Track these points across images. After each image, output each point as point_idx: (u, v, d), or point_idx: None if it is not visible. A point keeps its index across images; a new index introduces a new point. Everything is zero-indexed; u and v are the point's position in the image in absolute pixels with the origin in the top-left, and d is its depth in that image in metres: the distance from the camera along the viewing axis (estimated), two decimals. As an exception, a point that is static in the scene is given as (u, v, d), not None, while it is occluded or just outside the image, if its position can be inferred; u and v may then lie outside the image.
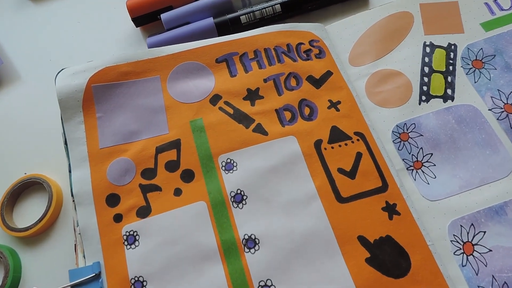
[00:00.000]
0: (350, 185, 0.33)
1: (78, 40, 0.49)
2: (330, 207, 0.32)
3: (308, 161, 0.34)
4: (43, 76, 0.48)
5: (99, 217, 0.32)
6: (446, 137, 0.36)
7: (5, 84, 0.48)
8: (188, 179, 0.33)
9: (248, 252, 0.31)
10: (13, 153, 0.44)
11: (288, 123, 0.35)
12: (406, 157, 0.35)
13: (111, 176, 0.33)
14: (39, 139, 0.45)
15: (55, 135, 0.43)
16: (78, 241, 0.32)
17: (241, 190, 0.32)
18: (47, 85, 0.46)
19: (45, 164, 0.43)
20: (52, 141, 0.43)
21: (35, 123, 0.45)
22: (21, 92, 0.47)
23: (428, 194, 0.34)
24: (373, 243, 0.31)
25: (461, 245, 0.32)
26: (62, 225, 0.41)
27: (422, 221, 0.32)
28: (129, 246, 0.31)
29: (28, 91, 0.47)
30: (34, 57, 0.49)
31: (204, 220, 0.31)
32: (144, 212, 0.32)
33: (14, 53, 0.50)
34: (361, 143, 0.35)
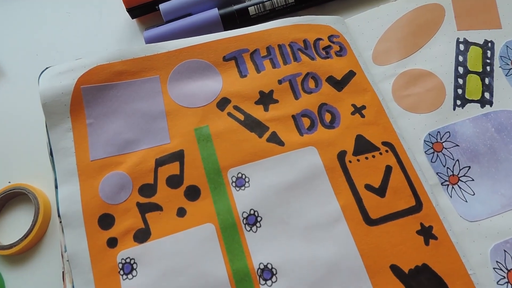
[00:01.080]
0: (379, 204, 0.28)
1: (68, 33, 0.44)
2: (357, 231, 0.28)
3: (331, 176, 0.29)
4: (29, 73, 0.43)
5: (90, 241, 0.27)
6: (485, 148, 0.31)
7: (-15, 82, 0.43)
8: (193, 197, 0.29)
9: (264, 284, 0.26)
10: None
11: (307, 131, 0.31)
12: (441, 170, 0.31)
13: (104, 193, 0.28)
14: (25, 144, 0.40)
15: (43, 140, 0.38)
16: (67, 269, 0.27)
17: (254, 211, 0.28)
18: (33, 83, 0.41)
19: (31, 173, 0.39)
20: (40, 147, 0.39)
21: (20, 126, 0.41)
22: (5, 90, 0.43)
23: (467, 214, 0.30)
24: (408, 273, 0.27)
25: (505, 273, 0.28)
26: (50, 241, 0.36)
27: (461, 246, 0.28)
28: (125, 276, 0.27)
29: (12, 89, 0.43)
30: (19, 51, 0.45)
31: (212, 246, 0.27)
32: (142, 236, 0.28)
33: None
34: (390, 154, 0.30)
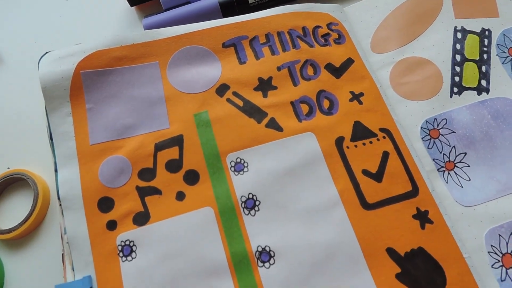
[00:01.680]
0: (376, 189, 0.29)
1: (66, 21, 0.44)
2: (354, 215, 0.28)
3: (329, 161, 0.29)
4: (28, 60, 0.43)
5: (90, 224, 0.28)
6: (481, 135, 0.32)
7: (-16, 69, 0.43)
8: (192, 181, 0.29)
9: (262, 266, 0.27)
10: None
11: (306, 117, 0.31)
12: (437, 156, 0.31)
13: (103, 177, 0.29)
14: (24, 130, 0.40)
15: (41, 126, 0.38)
16: (66, 251, 0.28)
17: (253, 195, 0.28)
18: (32, 70, 0.41)
19: (30, 158, 0.39)
20: (39, 133, 0.39)
21: (19, 111, 0.41)
22: (3, 77, 0.43)
23: (462, 199, 0.30)
24: (404, 256, 0.27)
25: (500, 257, 0.28)
26: (49, 226, 0.37)
27: (457, 230, 0.29)
28: (124, 258, 0.27)
29: (11, 76, 0.43)
30: (18, 38, 0.45)
31: (211, 229, 0.27)
32: (141, 219, 0.28)
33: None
34: (388, 141, 0.31)
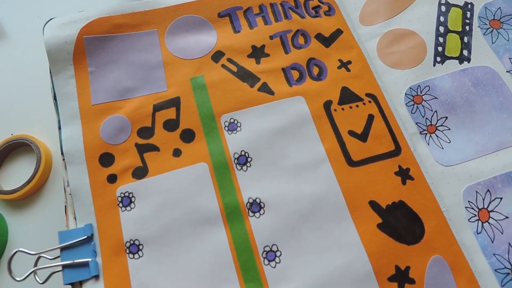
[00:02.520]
0: (361, 148, 0.31)
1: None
2: (340, 171, 0.30)
3: (317, 122, 0.31)
4: (30, 34, 0.45)
5: (91, 177, 0.29)
6: (461, 100, 0.34)
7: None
8: (188, 139, 0.31)
9: (253, 216, 0.28)
10: (2, 114, 0.41)
11: (296, 82, 0.33)
12: (420, 120, 0.33)
13: (104, 135, 0.30)
14: (27, 99, 0.42)
15: (43, 95, 0.40)
16: (69, 202, 0.29)
17: (245, 152, 0.30)
18: (35, 43, 0.43)
19: (33, 125, 0.41)
20: (41, 102, 0.41)
21: (22, 82, 0.43)
22: (7, 51, 0.44)
23: (442, 159, 0.32)
24: (386, 208, 0.29)
25: (476, 212, 0.30)
26: (51, 189, 0.39)
27: (437, 187, 0.31)
28: (124, 208, 0.29)
29: (15, 50, 0.44)
30: (21, 14, 0.46)
31: (205, 183, 0.29)
32: (140, 173, 0.30)
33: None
34: (373, 105, 0.32)
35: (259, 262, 0.27)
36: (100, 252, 0.28)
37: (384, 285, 0.27)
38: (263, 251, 0.28)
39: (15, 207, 0.38)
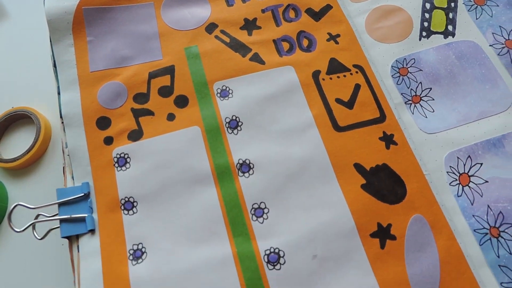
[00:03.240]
0: (347, 115, 0.32)
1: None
2: (326, 135, 0.31)
3: (305, 90, 0.33)
4: (31, 12, 0.46)
5: (89, 139, 0.31)
6: (445, 72, 0.35)
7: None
8: (182, 104, 0.32)
9: (242, 176, 0.30)
10: (3, 87, 0.42)
11: (286, 53, 0.34)
12: (405, 91, 0.35)
13: (102, 99, 0.32)
14: (28, 74, 0.43)
15: (44, 71, 0.42)
16: (67, 163, 0.31)
17: (236, 117, 0.32)
18: (35, 21, 0.44)
19: (34, 99, 0.42)
20: (41, 77, 0.42)
21: (23, 58, 0.44)
22: (8, 28, 0.46)
23: (426, 127, 0.33)
24: (369, 170, 0.30)
25: (457, 176, 0.32)
26: (50, 159, 0.40)
27: (419, 152, 0.32)
28: (119, 168, 0.30)
29: (15, 27, 0.46)
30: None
31: (197, 145, 0.31)
32: (135, 136, 0.31)
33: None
34: (360, 75, 0.34)
35: (247, 218, 0.29)
36: (96, 208, 0.29)
37: (367, 240, 0.28)
38: (251, 208, 0.29)
39: (15, 176, 0.39)
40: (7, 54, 0.44)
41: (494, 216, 0.30)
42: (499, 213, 0.30)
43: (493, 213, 0.30)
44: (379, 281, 0.27)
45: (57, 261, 0.34)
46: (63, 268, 0.33)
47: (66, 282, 0.33)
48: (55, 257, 0.35)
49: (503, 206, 0.30)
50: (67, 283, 0.33)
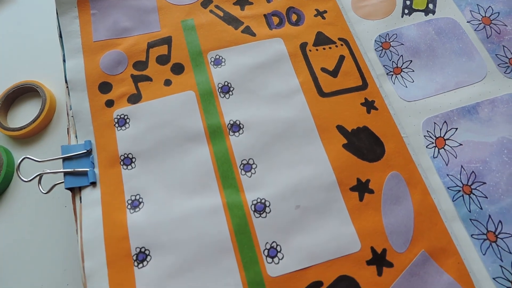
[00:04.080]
0: (332, 82, 0.34)
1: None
2: (312, 100, 0.34)
3: (293, 60, 0.35)
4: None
5: (91, 102, 0.33)
6: (425, 46, 0.37)
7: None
8: (178, 71, 0.35)
9: (233, 135, 0.32)
10: (12, 62, 0.45)
11: (276, 27, 0.37)
12: (387, 63, 0.37)
13: (104, 66, 0.34)
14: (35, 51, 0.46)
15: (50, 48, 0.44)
16: (71, 123, 0.33)
17: (228, 82, 0.34)
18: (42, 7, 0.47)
19: (40, 74, 0.45)
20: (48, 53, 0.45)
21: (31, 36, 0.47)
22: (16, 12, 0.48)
23: (406, 96, 0.36)
24: (351, 131, 0.33)
25: (434, 139, 0.34)
26: (54, 129, 0.42)
27: (398, 118, 0.34)
28: (119, 128, 0.33)
29: (23, 7, 0.48)
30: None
31: (192, 107, 0.33)
32: (135, 99, 0.34)
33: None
34: (345, 47, 0.36)
35: (237, 173, 0.31)
36: (98, 164, 0.32)
37: (346, 193, 0.30)
38: (240, 164, 0.31)
39: (21, 144, 0.42)
40: (16, 32, 0.47)
41: (467, 175, 0.32)
42: (472, 172, 0.32)
43: (466, 173, 0.32)
44: (357, 229, 0.29)
45: (60, 216, 0.36)
46: (66, 222, 0.35)
47: (69, 232, 0.36)
48: (58, 214, 0.37)
49: (476, 166, 0.33)
50: (69, 233, 0.35)
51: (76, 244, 0.35)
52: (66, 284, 0.35)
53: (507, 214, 0.31)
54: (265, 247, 0.29)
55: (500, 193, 0.32)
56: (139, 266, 0.28)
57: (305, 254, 0.28)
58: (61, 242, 0.37)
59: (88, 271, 0.28)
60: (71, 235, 0.37)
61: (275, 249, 0.29)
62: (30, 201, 0.37)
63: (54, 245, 0.37)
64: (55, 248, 0.36)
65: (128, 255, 0.28)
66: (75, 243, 0.36)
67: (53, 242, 0.37)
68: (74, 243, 0.36)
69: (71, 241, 0.37)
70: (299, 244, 0.29)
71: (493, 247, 0.30)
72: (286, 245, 0.29)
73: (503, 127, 0.34)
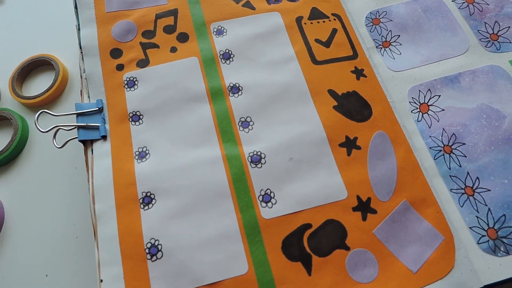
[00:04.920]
0: (324, 52, 0.37)
1: None
2: (305, 67, 0.37)
3: (289, 32, 0.38)
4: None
5: (103, 65, 0.36)
6: (413, 22, 0.40)
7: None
8: (183, 40, 0.38)
9: (232, 96, 0.35)
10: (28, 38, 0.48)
11: (274, 2, 0.40)
12: (377, 38, 0.40)
13: (115, 34, 0.37)
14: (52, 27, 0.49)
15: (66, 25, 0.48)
16: (84, 85, 0.36)
17: (229, 50, 0.37)
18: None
19: (55, 49, 0.48)
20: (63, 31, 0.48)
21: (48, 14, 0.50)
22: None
23: (393, 66, 0.39)
24: (341, 95, 0.36)
25: (418, 105, 0.37)
26: (66, 99, 0.45)
27: (386, 85, 0.37)
28: (128, 89, 0.36)
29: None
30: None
31: (195, 72, 0.36)
32: (143, 64, 0.37)
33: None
34: (337, 22, 0.39)
35: (235, 129, 0.34)
36: (108, 120, 0.35)
37: (335, 149, 0.33)
38: (239, 121, 0.34)
39: (35, 112, 0.45)
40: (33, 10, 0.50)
41: (448, 137, 0.35)
42: (452, 134, 0.35)
43: (447, 135, 0.35)
44: (344, 180, 0.32)
45: (70, 177, 0.39)
46: (75, 182, 0.39)
47: (78, 191, 0.38)
48: (69, 175, 0.40)
49: (456, 129, 0.36)
50: (79, 192, 0.38)
51: (85, 200, 0.38)
52: (75, 236, 0.38)
53: (484, 172, 0.34)
54: (260, 194, 0.31)
55: (478, 152, 0.34)
56: (145, 208, 0.31)
57: (296, 200, 0.31)
58: (71, 199, 0.39)
59: (98, 213, 0.31)
60: (80, 193, 0.40)
61: (269, 196, 0.31)
62: (43, 162, 0.40)
63: (64, 202, 0.39)
64: (65, 204, 0.39)
65: (135, 198, 0.31)
66: (84, 200, 0.39)
67: (63, 200, 0.40)
68: (83, 200, 0.39)
69: (81, 198, 0.39)
70: (291, 191, 0.31)
71: (470, 200, 0.33)
72: (279, 192, 0.31)
73: (483, 94, 0.37)
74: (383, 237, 0.31)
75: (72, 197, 0.40)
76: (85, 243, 0.38)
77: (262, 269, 0.29)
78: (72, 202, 0.39)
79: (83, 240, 0.38)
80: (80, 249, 0.38)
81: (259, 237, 0.30)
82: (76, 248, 0.38)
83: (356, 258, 0.30)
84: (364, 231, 0.30)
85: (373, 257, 0.30)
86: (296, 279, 0.29)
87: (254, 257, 0.29)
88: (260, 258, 0.29)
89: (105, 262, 0.29)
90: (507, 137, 0.35)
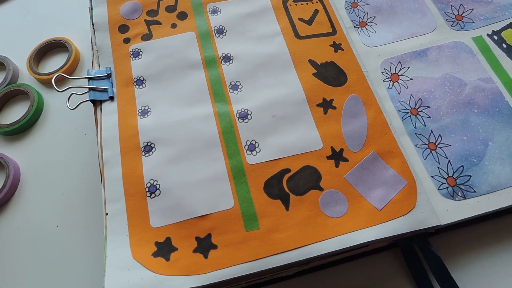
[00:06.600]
0: (306, 28, 0.43)
1: None
2: (289, 41, 0.42)
3: (276, 12, 0.43)
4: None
5: (112, 39, 0.42)
6: (387, 6, 0.45)
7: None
8: (182, 18, 0.43)
9: (224, 64, 0.40)
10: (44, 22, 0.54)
11: (263, -13, 0.45)
12: (354, 19, 0.45)
13: (123, 13, 0.43)
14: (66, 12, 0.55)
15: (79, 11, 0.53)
16: (95, 56, 0.42)
17: (222, 26, 0.42)
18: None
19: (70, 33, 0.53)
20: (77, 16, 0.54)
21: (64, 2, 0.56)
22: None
23: (368, 43, 0.44)
24: (320, 64, 0.40)
25: (389, 75, 0.42)
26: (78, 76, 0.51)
27: (361, 58, 0.42)
28: (134, 58, 0.41)
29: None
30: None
31: (192, 44, 0.41)
32: (147, 37, 0.42)
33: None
34: (319, 4, 0.45)
35: (226, 91, 0.39)
36: (116, 84, 0.40)
37: (313, 109, 0.38)
38: (229, 85, 0.39)
39: (49, 87, 0.50)
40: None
41: (415, 101, 0.40)
42: (419, 99, 0.40)
43: (414, 99, 0.40)
44: (321, 134, 0.37)
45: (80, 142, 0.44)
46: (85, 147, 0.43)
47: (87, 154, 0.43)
48: (79, 140, 0.45)
49: (422, 94, 0.40)
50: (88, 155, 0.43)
51: (93, 161, 0.43)
52: (83, 193, 0.43)
53: (446, 130, 0.38)
54: (246, 144, 0.36)
55: (441, 114, 0.39)
56: (146, 155, 0.36)
57: (278, 149, 0.36)
58: (80, 161, 0.44)
59: (106, 159, 0.35)
60: (88, 155, 0.44)
61: (254, 145, 0.36)
62: (55, 130, 0.45)
63: (74, 163, 0.44)
64: (74, 165, 0.44)
65: (138, 147, 0.36)
66: (91, 161, 0.44)
67: (73, 161, 0.44)
68: (91, 161, 0.44)
69: (89, 159, 0.44)
70: (273, 142, 0.36)
71: (433, 154, 0.37)
72: (263, 142, 0.36)
73: (447, 66, 0.41)
74: (353, 181, 0.35)
75: (81, 159, 0.44)
76: (92, 198, 0.42)
77: (246, 204, 0.33)
78: (80, 163, 0.44)
79: (90, 196, 0.43)
80: (87, 204, 0.42)
81: (244, 179, 0.34)
82: (83, 202, 0.42)
83: (328, 197, 0.34)
84: (336, 176, 0.35)
85: (343, 197, 0.34)
86: (275, 213, 0.33)
87: (239, 195, 0.34)
88: (244, 195, 0.34)
89: (110, 199, 0.34)
90: (467, 101, 0.39)
